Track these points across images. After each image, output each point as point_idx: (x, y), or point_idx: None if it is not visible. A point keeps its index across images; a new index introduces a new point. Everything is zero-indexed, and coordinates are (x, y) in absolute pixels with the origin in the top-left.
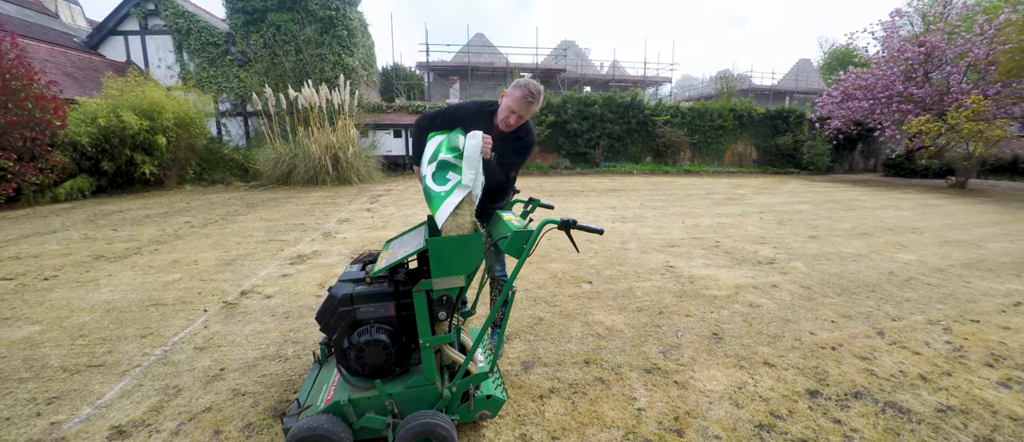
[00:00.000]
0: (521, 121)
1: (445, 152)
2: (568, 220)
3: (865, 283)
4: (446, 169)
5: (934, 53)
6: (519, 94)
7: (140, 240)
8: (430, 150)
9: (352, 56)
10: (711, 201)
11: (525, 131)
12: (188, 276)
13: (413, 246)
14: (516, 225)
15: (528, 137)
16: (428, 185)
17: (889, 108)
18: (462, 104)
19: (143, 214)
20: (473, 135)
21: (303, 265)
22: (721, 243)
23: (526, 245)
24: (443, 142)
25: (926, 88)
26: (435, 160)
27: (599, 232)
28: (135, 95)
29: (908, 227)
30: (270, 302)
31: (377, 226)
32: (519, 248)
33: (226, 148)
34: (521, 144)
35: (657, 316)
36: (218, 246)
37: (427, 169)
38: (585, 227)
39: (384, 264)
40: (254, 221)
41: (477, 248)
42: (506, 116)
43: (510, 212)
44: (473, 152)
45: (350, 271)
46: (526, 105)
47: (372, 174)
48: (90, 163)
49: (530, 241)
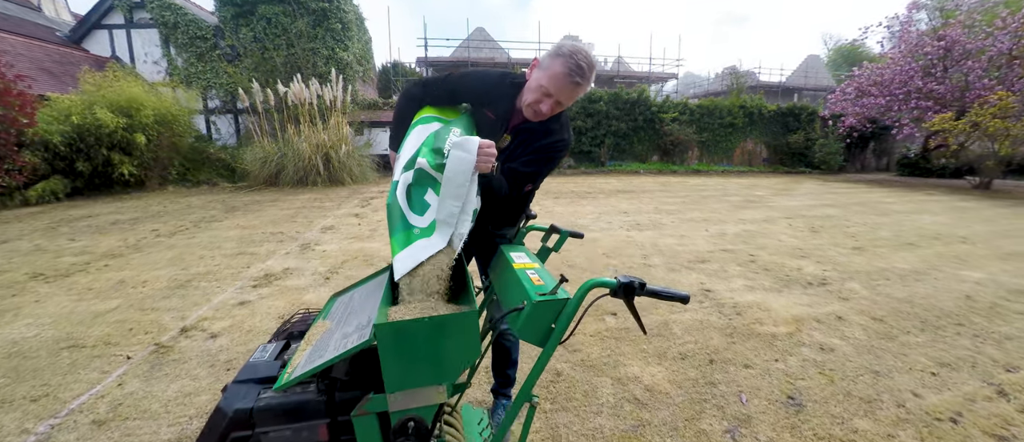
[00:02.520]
0: (558, 108)
1: (427, 155)
2: (631, 281)
3: (944, 312)
4: (425, 184)
5: (954, 47)
6: (560, 69)
7: (94, 253)
8: (414, 141)
9: (347, 50)
10: (729, 204)
11: (559, 125)
12: (128, 303)
13: (357, 331)
14: (536, 284)
15: (561, 136)
16: (397, 200)
17: (907, 105)
18: (475, 71)
19: (111, 220)
20: (460, 145)
21: (268, 288)
22: (757, 257)
23: (555, 325)
24: (433, 136)
25: (946, 84)
26: (413, 164)
27: (683, 300)
28: (112, 91)
29: (953, 235)
30: (213, 344)
31: (363, 236)
32: (543, 331)
33: (213, 147)
34: (549, 145)
35: (707, 367)
36: (177, 261)
37: (401, 173)
38: (662, 292)
39: (303, 371)
40: (228, 229)
41: (469, 338)
42: (536, 99)
43: (522, 250)
44: (458, 173)
45: (256, 361)
46: (569, 86)
47: (366, 174)
48: (64, 164)
49: (562, 321)
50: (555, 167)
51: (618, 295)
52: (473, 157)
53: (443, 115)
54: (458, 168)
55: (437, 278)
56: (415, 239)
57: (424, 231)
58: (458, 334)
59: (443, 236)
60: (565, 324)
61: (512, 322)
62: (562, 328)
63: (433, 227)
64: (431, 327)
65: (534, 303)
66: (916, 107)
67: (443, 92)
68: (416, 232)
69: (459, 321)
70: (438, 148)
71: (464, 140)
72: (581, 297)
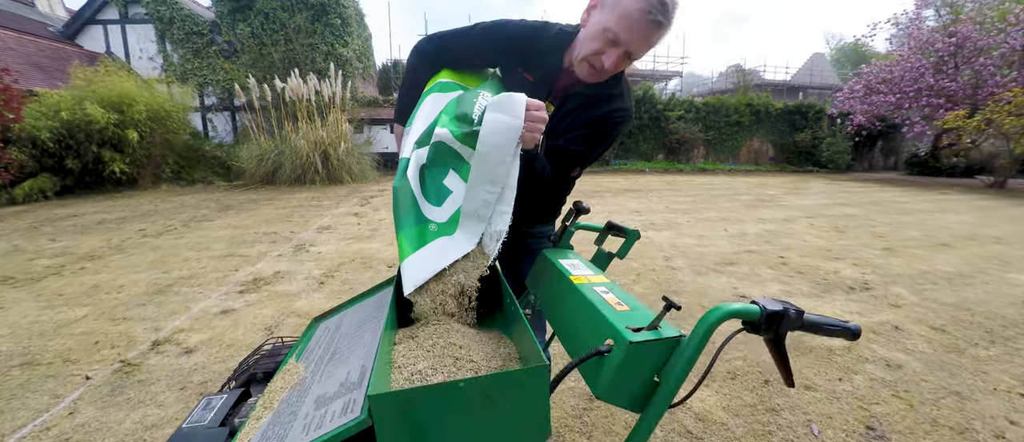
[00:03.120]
0: (625, 63)
1: (449, 124)
2: (784, 309)
3: (1008, 321)
4: (446, 164)
5: (965, 44)
6: (633, 5)
7: (74, 254)
8: (429, 110)
9: (346, 46)
10: (742, 203)
11: (619, 89)
12: (98, 311)
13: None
14: (619, 310)
15: (622, 103)
16: (408, 181)
17: (918, 102)
18: (507, 20)
19: (98, 219)
20: (500, 105)
21: (255, 294)
22: (787, 259)
23: (660, 378)
24: (455, 102)
25: (958, 81)
26: (429, 138)
27: (853, 334)
28: (103, 86)
29: (986, 235)
30: (187, 361)
31: (362, 236)
32: (641, 388)
33: (208, 145)
34: (606, 116)
35: (763, 389)
36: (160, 264)
37: (413, 150)
38: (826, 324)
39: None
40: (219, 229)
41: (532, 412)
42: (597, 49)
43: (575, 257)
44: (496, 146)
45: (193, 428)
46: (645, 28)
47: (366, 173)
48: (53, 161)
49: (673, 373)
50: (611, 145)
51: (762, 330)
52: (519, 122)
53: (465, 81)
54: (497, 138)
55: (463, 295)
56: (431, 239)
57: (443, 228)
58: (513, 408)
59: (470, 235)
60: (679, 377)
61: (590, 376)
62: (674, 384)
63: (456, 222)
64: (469, 396)
65: (629, 345)
66: (927, 105)
67: (465, 48)
68: (432, 229)
69: (516, 386)
70: (465, 114)
71: (505, 99)
72: (705, 334)
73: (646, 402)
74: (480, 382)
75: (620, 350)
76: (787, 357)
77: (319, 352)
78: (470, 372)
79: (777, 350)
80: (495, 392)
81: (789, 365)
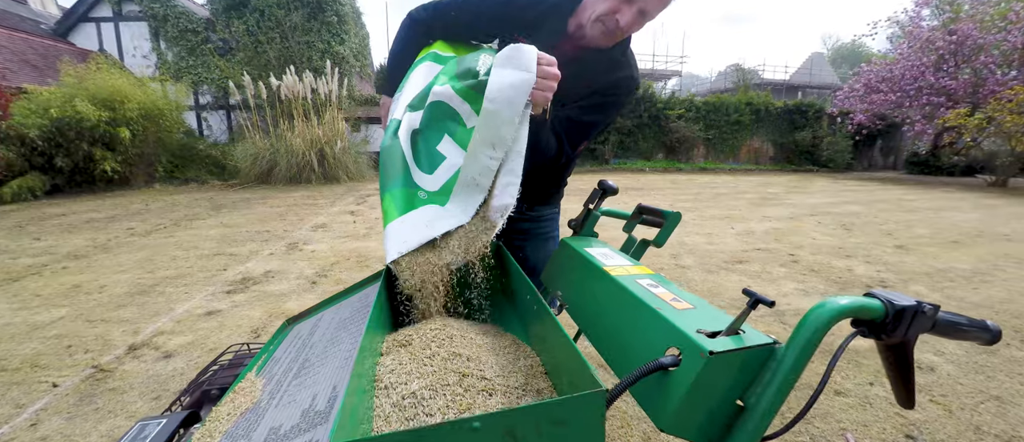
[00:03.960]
0: (640, 23)
1: (450, 81)
2: (915, 306)
3: None
4: (441, 127)
5: (966, 42)
6: None
7: (56, 253)
8: (421, 78)
9: (343, 44)
10: (746, 201)
11: (626, 57)
12: (76, 313)
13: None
14: (677, 308)
15: (629, 71)
16: (399, 141)
17: (918, 101)
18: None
19: (86, 218)
20: (509, 59)
21: (243, 294)
22: (798, 257)
23: (744, 403)
24: (455, 61)
25: (959, 79)
26: (424, 101)
27: (994, 337)
28: (94, 83)
29: (995, 233)
30: (165, 367)
31: (359, 234)
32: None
33: (202, 143)
34: (615, 84)
35: (791, 393)
36: (145, 263)
37: (405, 113)
38: (963, 324)
39: None
40: (211, 227)
41: None
42: (610, 8)
43: (603, 245)
44: (503, 103)
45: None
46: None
47: (363, 172)
48: (42, 159)
49: (769, 393)
50: (618, 113)
51: (886, 333)
52: (530, 75)
53: (460, 54)
54: (506, 93)
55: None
56: (420, 205)
57: (434, 196)
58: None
59: (465, 207)
60: (774, 400)
61: (649, 400)
62: (768, 409)
63: (448, 192)
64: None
65: (709, 356)
66: (928, 103)
67: (462, 12)
68: (422, 195)
69: (556, 423)
70: (469, 69)
71: (514, 51)
72: (811, 341)
73: (726, 435)
74: (506, 418)
75: (694, 363)
76: (913, 369)
77: (285, 364)
78: (482, 394)
79: (899, 360)
80: (525, 432)
81: (914, 380)
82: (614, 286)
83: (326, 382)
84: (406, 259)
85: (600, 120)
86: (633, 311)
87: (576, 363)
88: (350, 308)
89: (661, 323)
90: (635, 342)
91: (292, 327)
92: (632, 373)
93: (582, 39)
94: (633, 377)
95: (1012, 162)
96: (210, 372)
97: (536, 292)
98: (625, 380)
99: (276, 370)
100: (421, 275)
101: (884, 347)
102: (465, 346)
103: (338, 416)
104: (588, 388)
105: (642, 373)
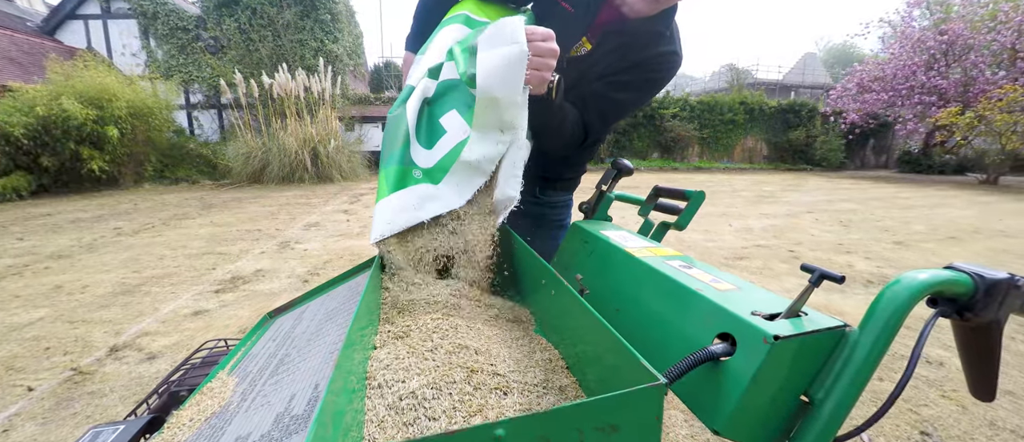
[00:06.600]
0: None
1: (462, 55)
2: (1010, 279)
3: None
4: (451, 99)
5: (957, 42)
6: None
7: (39, 253)
8: (444, 42)
9: (336, 43)
10: (743, 199)
11: (670, 30)
12: (56, 314)
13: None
14: (720, 289)
15: (672, 46)
16: (406, 113)
17: (910, 100)
18: None
19: (72, 218)
20: (497, 35)
21: (232, 294)
22: (797, 253)
23: (808, 397)
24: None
25: (950, 79)
26: (439, 73)
27: None
28: (82, 81)
29: (991, 229)
30: (147, 369)
31: (352, 233)
32: (785, 411)
33: (193, 143)
34: (656, 58)
35: None
36: (131, 263)
37: (422, 79)
38: None
39: None
40: (200, 227)
41: None
42: None
43: (621, 229)
44: (495, 84)
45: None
46: None
47: (357, 171)
48: (28, 158)
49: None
50: (656, 94)
51: (974, 311)
52: (520, 46)
53: (490, 15)
54: (496, 75)
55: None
56: (412, 184)
57: (428, 174)
58: None
59: (460, 190)
60: (849, 393)
61: (697, 397)
62: (840, 403)
63: (444, 170)
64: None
65: (774, 341)
66: (919, 102)
67: None
68: (416, 174)
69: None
70: (473, 48)
71: (494, 29)
72: (891, 323)
73: (788, 434)
74: (538, 423)
75: (753, 351)
76: (999, 354)
77: (263, 360)
78: (496, 393)
79: (982, 344)
80: (564, 440)
81: (998, 367)
82: (642, 269)
83: (307, 380)
84: (393, 240)
85: (637, 99)
86: (670, 295)
87: (619, 353)
88: (338, 298)
89: (707, 307)
90: (675, 331)
91: (274, 320)
92: (679, 363)
93: (623, 5)
94: (682, 368)
95: (1003, 160)
96: (181, 371)
97: (557, 276)
98: (669, 372)
99: (251, 367)
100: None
101: (967, 329)
102: (472, 337)
103: (316, 420)
104: (639, 382)
105: (692, 363)
